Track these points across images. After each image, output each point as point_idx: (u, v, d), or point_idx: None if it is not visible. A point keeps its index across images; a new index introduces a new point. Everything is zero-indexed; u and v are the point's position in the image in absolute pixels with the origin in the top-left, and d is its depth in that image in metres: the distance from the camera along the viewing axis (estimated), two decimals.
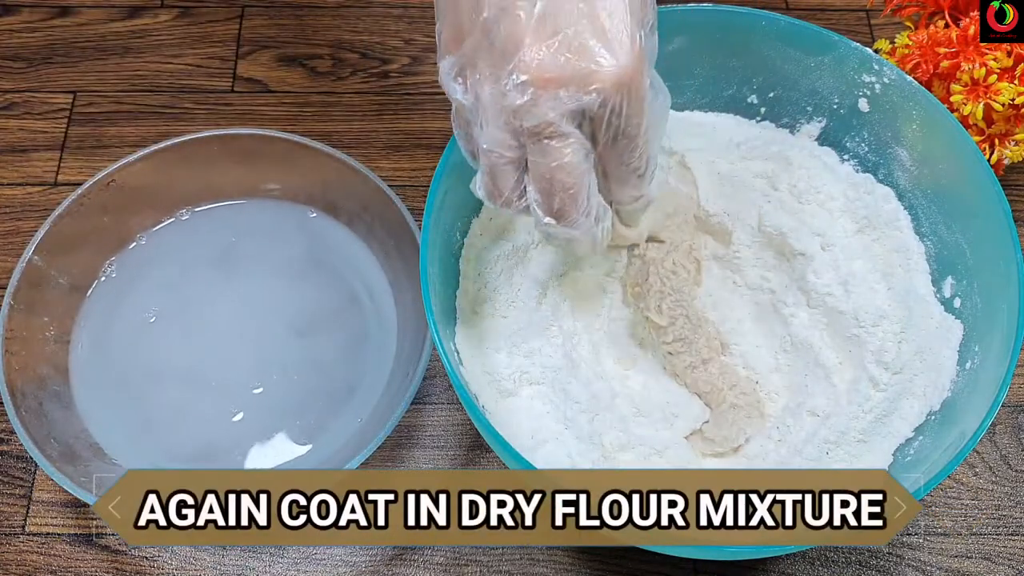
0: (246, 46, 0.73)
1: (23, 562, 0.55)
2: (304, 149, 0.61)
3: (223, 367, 0.59)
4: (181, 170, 0.61)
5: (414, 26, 0.74)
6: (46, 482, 0.57)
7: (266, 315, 0.61)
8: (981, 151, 0.53)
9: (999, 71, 0.58)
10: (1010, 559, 0.56)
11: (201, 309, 0.61)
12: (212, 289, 0.61)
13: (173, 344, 0.60)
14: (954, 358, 0.50)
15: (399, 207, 0.58)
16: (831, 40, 0.54)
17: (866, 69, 0.54)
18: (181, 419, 0.57)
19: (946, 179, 0.53)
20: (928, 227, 0.54)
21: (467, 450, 0.59)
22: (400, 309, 0.60)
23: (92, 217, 0.60)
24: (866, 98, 0.55)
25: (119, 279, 0.61)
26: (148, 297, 0.61)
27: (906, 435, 0.50)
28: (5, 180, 0.68)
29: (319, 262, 0.62)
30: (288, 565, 0.55)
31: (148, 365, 0.59)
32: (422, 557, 0.56)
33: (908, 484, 0.44)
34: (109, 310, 0.60)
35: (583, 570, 0.56)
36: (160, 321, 0.60)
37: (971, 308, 0.51)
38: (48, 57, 0.73)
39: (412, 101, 0.71)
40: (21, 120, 0.70)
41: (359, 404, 0.58)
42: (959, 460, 0.44)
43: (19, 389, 0.54)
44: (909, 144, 0.54)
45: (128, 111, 0.70)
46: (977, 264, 0.51)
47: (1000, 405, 0.45)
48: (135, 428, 0.57)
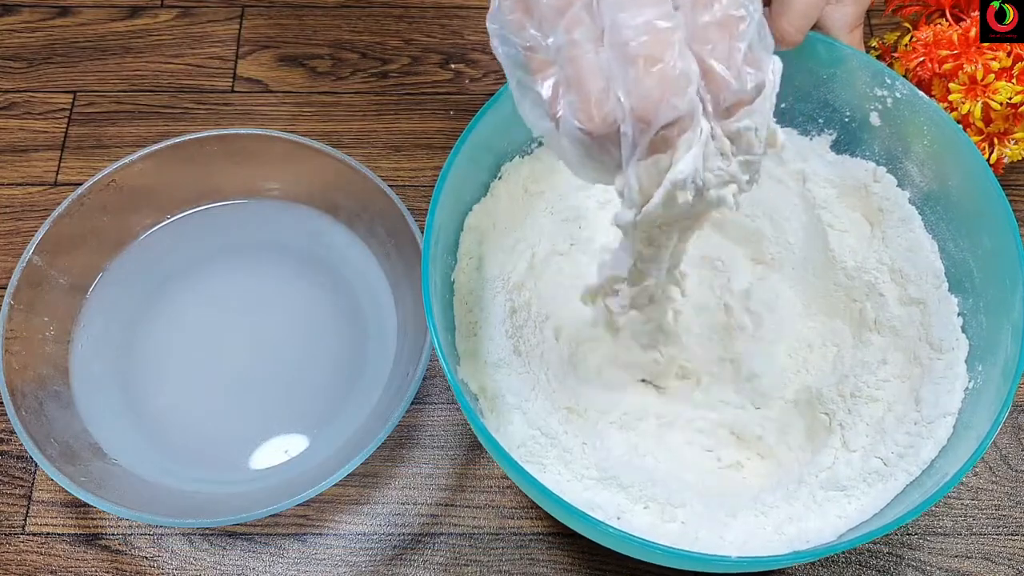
0: (246, 46, 0.73)
1: (23, 562, 0.55)
2: (304, 149, 0.61)
3: (223, 367, 0.59)
4: (181, 170, 0.61)
5: (414, 26, 0.74)
6: (46, 482, 0.57)
7: (266, 315, 0.61)
8: (980, 150, 0.53)
9: (997, 71, 0.58)
10: (1010, 559, 0.56)
11: (201, 309, 0.61)
12: (212, 289, 0.61)
13: (173, 344, 0.60)
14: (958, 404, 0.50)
15: (399, 207, 0.58)
16: (843, 53, 0.54)
17: (878, 83, 0.54)
18: (181, 419, 0.57)
19: (956, 194, 0.53)
20: (937, 243, 0.54)
21: (467, 450, 0.59)
22: (400, 309, 0.60)
23: (92, 217, 0.60)
24: (877, 112, 0.55)
25: (119, 279, 0.61)
26: (148, 297, 0.61)
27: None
28: (5, 180, 0.68)
29: (319, 262, 0.62)
30: (288, 565, 0.55)
31: (148, 365, 0.59)
32: (422, 557, 0.56)
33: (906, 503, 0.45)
34: (109, 310, 0.60)
35: (583, 570, 0.56)
36: (160, 321, 0.60)
37: (976, 327, 0.51)
38: (48, 57, 0.73)
39: (412, 101, 0.71)
40: (21, 120, 0.70)
41: (359, 404, 0.58)
42: (957, 479, 0.44)
43: (19, 389, 0.54)
44: (919, 159, 0.54)
45: (128, 111, 0.70)
46: (984, 283, 0.51)
47: (1000, 425, 0.45)
48: (135, 428, 0.57)
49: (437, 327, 0.47)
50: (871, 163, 0.56)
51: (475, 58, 0.73)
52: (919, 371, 0.51)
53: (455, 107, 0.71)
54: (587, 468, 0.49)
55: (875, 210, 0.56)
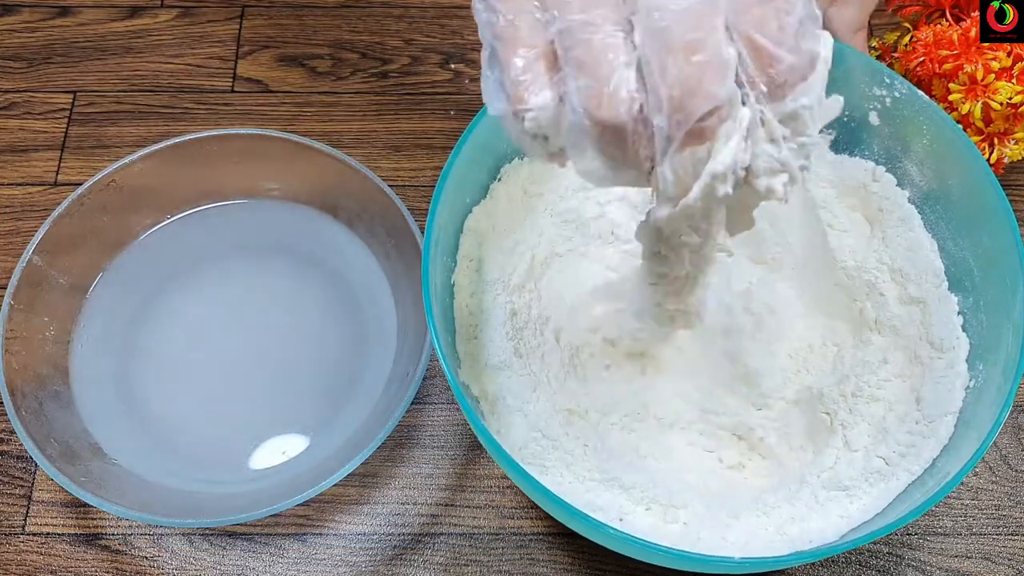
0: (246, 46, 0.73)
1: (23, 562, 0.55)
2: (304, 149, 0.61)
3: (223, 367, 0.59)
4: (181, 170, 0.61)
5: (414, 26, 0.74)
6: (46, 482, 0.57)
7: (266, 315, 0.61)
8: (980, 150, 0.53)
9: (997, 71, 0.58)
10: (1010, 559, 0.56)
11: (201, 309, 0.61)
12: (212, 289, 0.61)
13: (173, 344, 0.60)
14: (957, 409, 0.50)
15: (399, 207, 0.58)
16: (842, 52, 0.54)
17: (877, 82, 0.54)
18: (181, 419, 0.57)
19: (956, 194, 0.53)
20: (936, 242, 0.54)
21: (467, 450, 0.59)
22: (400, 309, 0.60)
23: (92, 217, 0.60)
24: (876, 111, 0.55)
25: (119, 279, 0.61)
26: (148, 297, 0.61)
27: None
28: (5, 180, 0.68)
29: (319, 262, 0.62)
30: (288, 565, 0.55)
31: (148, 365, 0.59)
32: (422, 557, 0.56)
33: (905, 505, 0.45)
34: (109, 310, 0.60)
35: (583, 570, 0.56)
36: (160, 321, 0.60)
37: (976, 326, 0.51)
38: (48, 57, 0.73)
39: (412, 101, 0.71)
40: (21, 120, 0.70)
41: (359, 404, 0.58)
42: (959, 478, 0.44)
43: (19, 389, 0.54)
44: (918, 159, 0.54)
45: (128, 111, 0.70)
46: (984, 282, 0.51)
47: (1002, 424, 0.45)
48: (135, 428, 0.57)
49: (438, 330, 0.47)
50: (870, 163, 0.56)
51: (475, 58, 0.73)
52: (920, 370, 0.51)
53: (455, 107, 0.71)
54: (588, 470, 0.49)
55: (875, 210, 0.56)
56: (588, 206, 0.57)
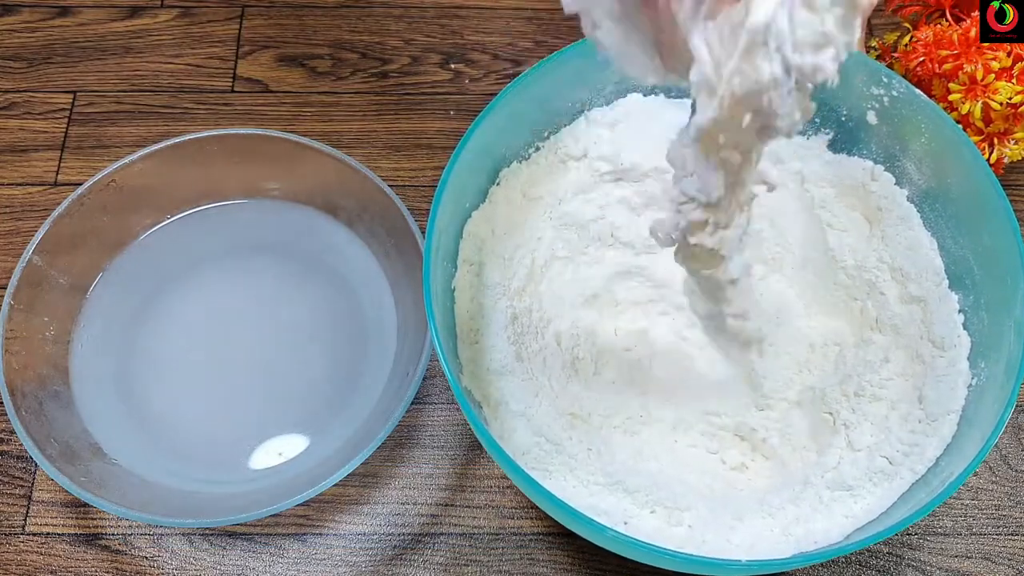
0: (246, 46, 0.73)
1: (23, 562, 0.55)
2: (304, 149, 0.61)
3: (223, 367, 0.59)
4: (181, 170, 0.61)
5: (414, 26, 0.74)
6: (46, 482, 0.57)
7: (266, 315, 0.61)
8: (980, 150, 0.53)
9: (997, 71, 0.58)
10: (1010, 559, 0.56)
11: (201, 309, 0.61)
12: (212, 289, 0.61)
13: (173, 344, 0.60)
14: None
15: (399, 207, 0.58)
16: None
17: (875, 82, 0.54)
18: (181, 419, 0.57)
19: (955, 193, 0.53)
20: (936, 240, 0.54)
21: (467, 450, 0.59)
22: (400, 309, 0.60)
23: (92, 217, 0.60)
24: (874, 110, 0.55)
25: (119, 279, 0.61)
26: (148, 297, 0.61)
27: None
28: (5, 180, 0.68)
29: (319, 262, 0.62)
30: (288, 565, 0.55)
31: (148, 365, 0.59)
32: (422, 557, 0.56)
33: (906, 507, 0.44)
34: (109, 310, 0.60)
35: (583, 570, 0.56)
36: (160, 321, 0.60)
37: (977, 324, 0.51)
38: (48, 57, 0.73)
39: (412, 101, 0.71)
40: (21, 120, 0.70)
41: (359, 404, 0.58)
42: (964, 478, 0.44)
43: (19, 389, 0.54)
44: (917, 157, 0.54)
45: (128, 111, 0.70)
46: (984, 280, 0.51)
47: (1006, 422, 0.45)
48: (135, 428, 0.57)
49: (440, 336, 0.46)
50: (869, 162, 0.56)
51: (475, 58, 0.73)
52: (922, 369, 0.51)
53: (455, 107, 0.71)
54: (592, 474, 0.49)
55: (874, 209, 0.56)
56: (587, 208, 0.57)
